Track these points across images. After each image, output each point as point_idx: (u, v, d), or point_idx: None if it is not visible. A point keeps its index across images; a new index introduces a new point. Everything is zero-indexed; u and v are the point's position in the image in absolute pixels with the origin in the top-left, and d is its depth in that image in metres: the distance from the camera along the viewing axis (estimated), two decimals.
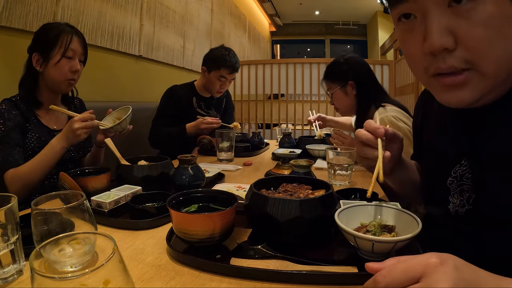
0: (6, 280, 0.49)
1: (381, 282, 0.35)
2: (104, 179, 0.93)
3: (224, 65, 1.84)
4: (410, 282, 0.34)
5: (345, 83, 1.51)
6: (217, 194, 0.70)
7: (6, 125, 1.09)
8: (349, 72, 1.50)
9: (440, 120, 0.67)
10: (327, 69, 1.61)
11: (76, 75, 1.21)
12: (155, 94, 1.95)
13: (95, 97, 1.87)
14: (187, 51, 3.18)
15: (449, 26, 0.44)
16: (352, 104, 1.53)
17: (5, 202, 0.49)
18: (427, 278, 0.33)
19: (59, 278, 0.28)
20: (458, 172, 0.59)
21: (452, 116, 0.61)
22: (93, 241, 0.42)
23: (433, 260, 0.34)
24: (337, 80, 1.54)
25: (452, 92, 0.48)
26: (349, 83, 1.50)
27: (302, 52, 11.11)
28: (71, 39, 1.16)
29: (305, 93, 3.67)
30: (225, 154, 1.51)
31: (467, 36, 0.43)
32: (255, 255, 0.56)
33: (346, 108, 1.58)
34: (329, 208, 0.61)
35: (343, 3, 7.61)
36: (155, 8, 2.60)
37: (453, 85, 0.47)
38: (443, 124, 0.65)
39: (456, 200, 0.59)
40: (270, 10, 7.20)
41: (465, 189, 0.58)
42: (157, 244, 0.65)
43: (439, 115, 0.67)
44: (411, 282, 0.34)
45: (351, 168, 1.11)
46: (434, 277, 0.33)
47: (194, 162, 0.98)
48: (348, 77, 1.50)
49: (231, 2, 4.61)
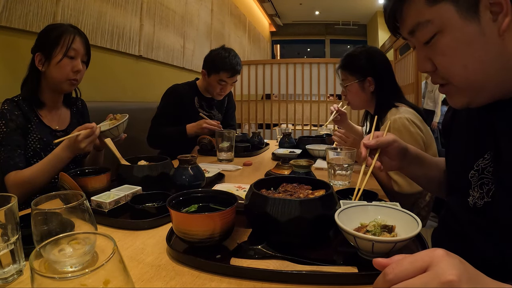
0: (6, 280, 0.49)
1: (390, 273, 0.36)
2: (104, 179, 0.93)
3: (223, 68, 1.78)
4: (418, 272, 0.35)
5: (363, 77, 1.41)
6: (217, 194, 0.70)
7: (8, 126, 1.09)
8: (370, 67, 1.40)
9: (468, 116, 0.71)
10: (346, 58, 1.48)
11: (78, 75, 1.21)
12: (155, 94, 1.95)
13: (95, 97, 1.87)
14: (187, 51, 3.18)
15: (427, 56, 0.60)
16: (367, 100, 1.44)
17: (5, 202, 0.49)
18: (434, 267, 0.35)
19: (59, 278, 0.28)
20: (480, 166, 0.62)
21: (479, 110, 0.65)
22: (93, 241, 0.42)
23: (440, 252, 0.36)
24: (355, 73, 1.43)
25: (448, 98, 0.63)
26: (367, 78, 1.40)
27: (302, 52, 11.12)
28: (74, 39, 1.17)
29: (305, 93, 3.67)
30: (225, 154, 1.51)
31: (436, 62, 0.58)
32: (255, 255, 0.56)
33: (360, 103, 1.48)
34: (329, 208, 0.61)
35: (343, 3, 7.61)
36: (155, 8, 2.60)
37: (445, 93, 0.62)
38: (471, 119, 0.70)
39: (476, 193, 0.62)
40: (270, 10, 7.21)
41: (485, 182, 0.60)
42: (157, 244, 0.65)
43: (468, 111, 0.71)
44: (419, 272, 0.35)
45: (351, 168, 1.11)
46: (441, 265, 0.34)
47: (194, 162, 0.98)
48: (368, 72, 1.39)
49: (231, 2, 4.61)
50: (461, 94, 0.59)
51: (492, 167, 0.59)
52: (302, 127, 3.72)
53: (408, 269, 0.36)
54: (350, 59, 1.46)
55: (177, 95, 1.86)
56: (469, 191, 0.64)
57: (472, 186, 0.63)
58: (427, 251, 0.37)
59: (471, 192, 0.63)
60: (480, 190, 0.61)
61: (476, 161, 0.63)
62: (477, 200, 0.61)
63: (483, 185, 0.61)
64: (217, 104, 2.03)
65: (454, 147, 0.75)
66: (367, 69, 1.39)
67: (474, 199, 0.62)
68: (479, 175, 0.62)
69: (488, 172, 0.60)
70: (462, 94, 0.59)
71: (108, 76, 2.12)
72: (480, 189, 0.61)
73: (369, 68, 1.39)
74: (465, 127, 0.72)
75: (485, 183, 0.60)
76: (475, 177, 0.63)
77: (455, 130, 0.77)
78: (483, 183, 0.61)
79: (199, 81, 1.97)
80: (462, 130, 0.73)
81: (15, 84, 1.23)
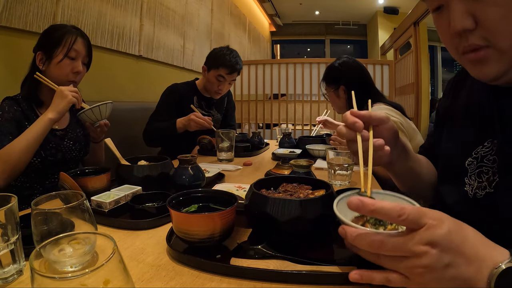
0: (6, 280, 0.49)
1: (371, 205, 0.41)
2: (104, 179, 0.93)
3: (223, 64, 1.80)
4: (397, 218, 0.39)
5: (337, 87, 1.66)
6: (217, 194, 0.70)
7: (3, 117, 1.09)
8: (342, 77, 1.64)
9: (468, 103, 0.68)
10: (325, 71, 1.75)
11: (78, 77, 1.21)
12: (155, 94, 1.95)
13: (95, 97, 1.87)
14: (187, 51, 3.18)
15: (468, 9, 0.51)
16: (343, 106, 1.69)
17: (5, 202, 0.49)
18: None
19: (59, 278, 0.27)
20: (479, 154, 0.60)
21: (482, 96, 0.63)
22: (93, 241, 0.42)
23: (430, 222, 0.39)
24: (331, 83, 1.70)
25: (478, 67, 0.54)
26: (340, 87, 1.65)
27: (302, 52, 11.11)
28: (75, 40, 1.17)
29: (305, 93, 3.68)
30: (225, 154, 1.51)
31: (483, 16, 0.49)
32: (255, 255, 0.56)
33: (340, 109, 1.75)
34: (329, 208, 0.61)
35: (343, 3, 7.61)
36: (155, 8, 2.60)
37: (476, 61, 0.53)
38: (471, 106, 0.66)
39: (473, 182, 0.60)
40: (270, 10, 7.20)
41: (485, 171, 0.58)
42: (157, 244, 0.65)
43: (468, 98, 0.68)
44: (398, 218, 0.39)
45: (351, 168, 1.11)
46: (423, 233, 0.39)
47: (194, 162, 0.98)
48: (340, 81, 1.64)
49: (231, 2, 4.61)
50: (501, 61, 0.51)
51: (493, 156, 0.57)
52: (302, 127, 3.72)
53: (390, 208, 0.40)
54: (327, 71, 1.74)
55: (176, 94, 1.86)
56: (465, 179, 0.61)
57: (469, 174, 0.61)
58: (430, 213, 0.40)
59: (467, 180, 0.61)
60: (478, 178, 0.59)
61: (475, 148, 0.61)
62: (478, 190, 0.59)
63: (481, 174, 0.58)
64: (216, 104, 2.03)
65: (450, 134, 0.72)
66: (339, 78, 1.65)
67: (474, 188, 0.60)
68: (477, 163, 0.60)
69: (489, 161, 0.58)
70: (502, 61, 0.51)
71: (108, 76, 2.12)
72: (478, 178, 0.59)
73: (341, 78, 1.64)
74: (463, 113, 0.68)
75: (485, 172, 0.58)
76: (473, 165, 0.61)
77: (452, 116, 0.74)
78: (481, 172, 0.59)
79: (198, 81, 1.97)
80: (459, 117, 0.69)
81: (15, 84, 1.23)
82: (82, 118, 1.22)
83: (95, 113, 1.21)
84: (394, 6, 7.46)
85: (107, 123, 1.30)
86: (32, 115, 1.16)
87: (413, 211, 0.39)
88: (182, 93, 1.88)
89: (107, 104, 1.23)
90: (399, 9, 7.49)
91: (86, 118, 1.22)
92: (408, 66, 3.30)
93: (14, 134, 1.09)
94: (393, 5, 7.45)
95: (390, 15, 7.68)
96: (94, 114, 1.21)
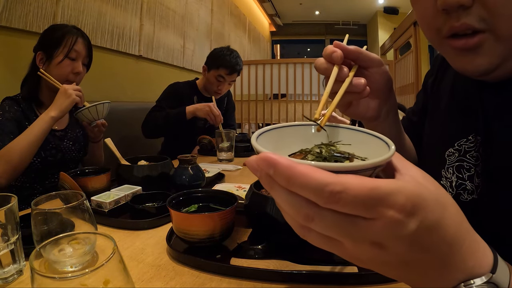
0: (6, 280, 0.49)
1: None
2: (104, 179, 0.93)
3: (223, 64, 1.81)
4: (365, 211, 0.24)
5: None
6: (217, 194, 0.70)
7: (4, 116, 1.09)
8: None
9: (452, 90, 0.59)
10: None
11: (78, 77, 1.21)
12: (155, 94, 1.96)
13: (95, 97, 1.86)
14: (187, 51, 3.18)
15: None
16: None
17: (5, 202, 0.49)
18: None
19: (59, 278, 0.27)
20: (463, 147, 0.52)
21: (467, 87, 0.54)
22: (93, 241, 0.42)
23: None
24: None
25: (467, 57, 0.43)
26: None
27: (302, 52, 11.11)
28: (76, 40, 1.17)
29: (305, 93, 3.68)
30: (225, 154, 1.51)
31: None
32: (255, 255, 0.56)
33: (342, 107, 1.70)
34: None
35: (343, 3, 7.61)
36: (155, 8, 2.60)
37: (466, 49, 0.42)
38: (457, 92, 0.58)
39: (450, 175, 0.53)
40: (270, 10, 7.20)
41: (466, 167, 0.51)
42: (157, 244, 0.65)
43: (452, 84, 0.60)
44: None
45: None
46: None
47: (194, 162, 0.98)
48: None
49: (231, 2, 4.61)
50: (496, 51, 0.41)
51: (476, 153, 0.49)
52: None
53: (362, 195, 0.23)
54: None
55: (177, 92, 1.88)
56: (442, 171, 0.54)
57: (446, 166, 0.53)
58: None
59: (444, 173, 0.53)
60: (456, 172, 0.52)
61: (457, 140, 0.53)
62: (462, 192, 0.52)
63: (461, 168, 0.51)
64: (216, 104, 2.03)
65: (432, 116, 0.64)
66: None
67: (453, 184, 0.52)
68: (459, 155, 0.52)
69: (472, 157, 0.50)
70: (497, 51, 0.41)
71: (108, 76, 2.12)
72: (457, 172, 0.52)
73: None
74: (449, 97, 0.59)
75: (465, 168, 0.51)
76: (453, 156, 0.53)
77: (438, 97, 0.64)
78: (461, 166, 0.51)
79: (198, 81, 1.98)
80: (445, 100, 0.60)
81: (15, 84, 1.23)
82: (79, 117, 1.22)
83: (91, 113, 1.21)
84: (394, 6, 7.46)
85: (105, 123, 1.29)
86: (32, 115, 1.16)
87: (361, 189, 0.23)
88: (183, 92, 1.89)
89: (104, 103, 1.22)
90: (399, 9, 7.49)
91: (83, 118, 1.22)
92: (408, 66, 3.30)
93: (15, 133, 1.08)
94: (393, 5, 7.45)
95: (390, 15, 7.68)
96: (91, 113, 1.21)
